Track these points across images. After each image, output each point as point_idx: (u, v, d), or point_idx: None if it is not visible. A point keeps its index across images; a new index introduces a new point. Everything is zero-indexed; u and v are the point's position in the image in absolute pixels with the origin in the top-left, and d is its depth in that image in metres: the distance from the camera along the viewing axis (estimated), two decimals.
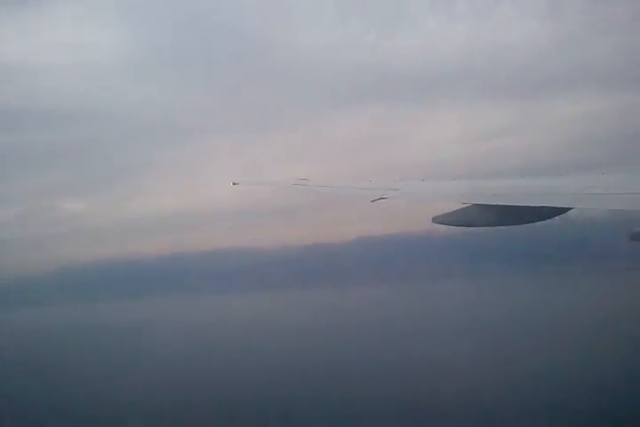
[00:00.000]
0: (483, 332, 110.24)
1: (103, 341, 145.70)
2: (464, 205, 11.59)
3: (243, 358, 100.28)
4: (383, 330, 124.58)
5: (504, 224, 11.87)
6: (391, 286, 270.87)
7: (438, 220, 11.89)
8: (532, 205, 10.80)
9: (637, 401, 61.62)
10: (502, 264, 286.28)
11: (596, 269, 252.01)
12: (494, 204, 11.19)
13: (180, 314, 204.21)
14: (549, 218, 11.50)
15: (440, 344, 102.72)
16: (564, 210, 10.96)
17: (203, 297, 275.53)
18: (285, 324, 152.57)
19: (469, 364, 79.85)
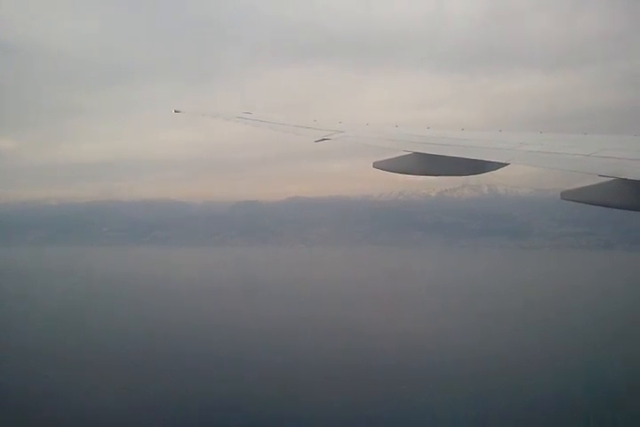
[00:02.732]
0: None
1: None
2: (405, 153, 11.66)
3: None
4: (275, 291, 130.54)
5: (442, 174, 12.06)
6: (314, 248, 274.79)
7: (379, 165, 11.98)
8: (471, 157, 10.95)
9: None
10: (425, 234, 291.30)
11: (513, 244, 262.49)
12: (435, 153, 11.32)
13: (82, 264, 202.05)
14: (485, 171, 11.72)
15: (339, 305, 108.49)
16: (500, 165, 11.16)
17: (121, 249, 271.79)
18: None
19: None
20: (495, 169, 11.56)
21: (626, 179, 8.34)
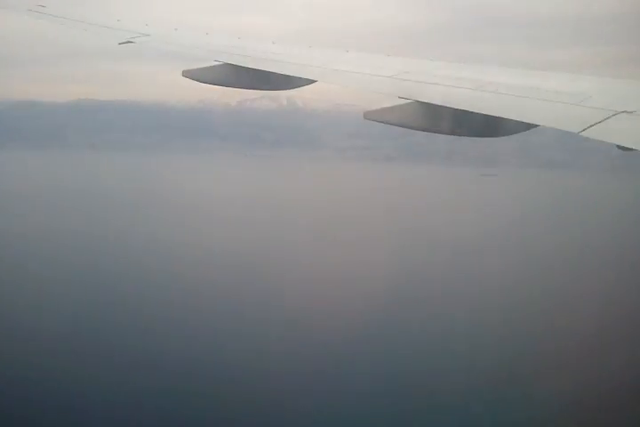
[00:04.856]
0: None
1: None
2: (217, 63, 11.28)
3: None
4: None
5: (252, 88, 11.94)
6: (101, 154, 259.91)
7: (189, 74, 11.40)
8: (282, 73, 10.95)
9: None
10: (220, 144, 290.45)
11: (304, 156, 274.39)
12: (246, 66, 11.12)
13: None
14: (294, 87, 11.83)
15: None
16: (309, 81, 11.32)
17: None
18: None
19: None
20: (303, 85, 11.72)
21: (422, 102, 8.91)
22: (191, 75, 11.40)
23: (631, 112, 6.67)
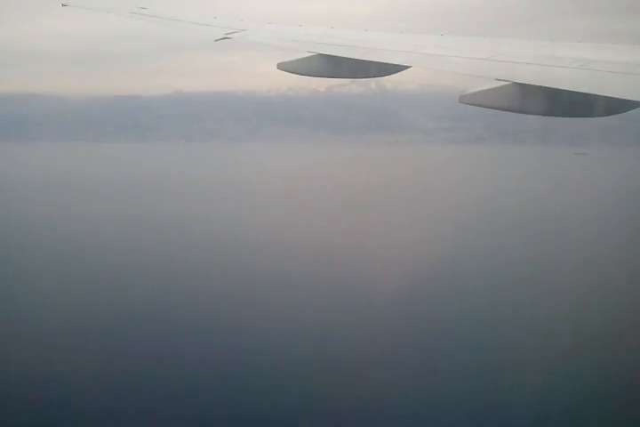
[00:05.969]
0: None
1: None
2: (309, 54, 11.50)
3: None
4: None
5: (347, 77, 12.09)
6: (194, 144, 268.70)
7: (284, 66, 11.74)
8: (375, 60, 10.99)
9: None
10: (310, 130, 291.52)
11: (391, 139, 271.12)
12: (339, 55, 11.26)
13: None
14: (389, 74, 11.84)
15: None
16: (403, 67, 11.30)
17: None
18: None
19: None
20: (397, 72, 11.71)
21: (520, 83, 8.68)
22: (286, 67, 11.69)
23: None
